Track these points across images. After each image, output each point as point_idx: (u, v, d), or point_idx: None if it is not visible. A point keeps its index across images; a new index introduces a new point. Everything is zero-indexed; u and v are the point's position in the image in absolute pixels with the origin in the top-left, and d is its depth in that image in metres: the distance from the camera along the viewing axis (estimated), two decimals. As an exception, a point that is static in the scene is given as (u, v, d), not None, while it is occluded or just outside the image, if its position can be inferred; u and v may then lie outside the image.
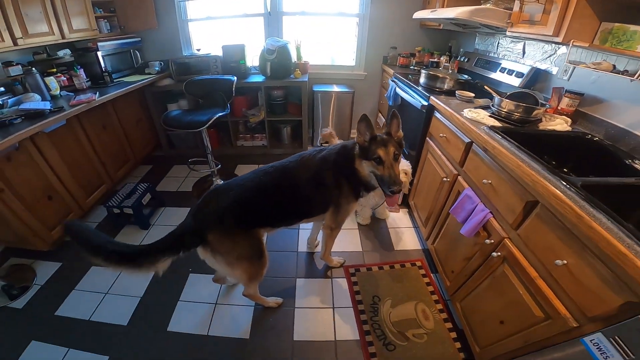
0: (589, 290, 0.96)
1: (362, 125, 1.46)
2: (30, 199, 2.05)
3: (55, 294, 1.97)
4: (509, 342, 1.30)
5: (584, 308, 0.98)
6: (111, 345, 1.70)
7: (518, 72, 2.27)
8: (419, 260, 2.25)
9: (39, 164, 2.12)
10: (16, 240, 2.13)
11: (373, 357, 1.65)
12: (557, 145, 1.65)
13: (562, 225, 1.08)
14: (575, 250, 1.02)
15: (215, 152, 3.52)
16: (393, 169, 1.45)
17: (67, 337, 1.73)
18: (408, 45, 3.51)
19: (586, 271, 0.97)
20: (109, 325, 1.81)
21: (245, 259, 1.51)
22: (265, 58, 3.09)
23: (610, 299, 0.89)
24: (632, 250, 0.83)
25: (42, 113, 2.10)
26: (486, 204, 1.54)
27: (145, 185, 2.58)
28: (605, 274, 0.91)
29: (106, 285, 2.03)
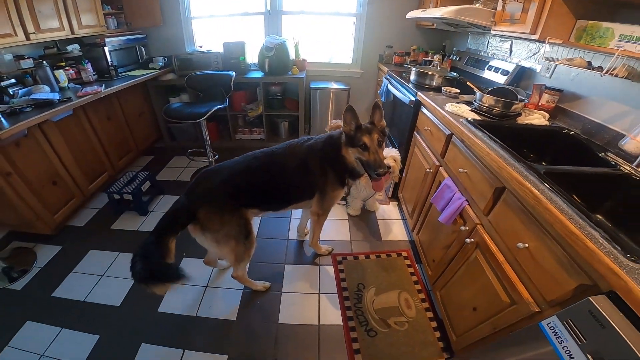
0: (548, 273, 0.98)
1: (348, 115, 1.52)
2: (36, 183, 2.12)
3: (54, 276, 2.02)
4: (480, 329, 1.32)
5: (544, 292, 1.00)
6: (103, 325, 1.74)
7: (504, 70, 2.31)
8: (406, 251, 2.28)
9: (45, 151, 2.19)
10: (20, 223, 2.19)
11: (354, 342, 1.68)
12: (535, 139, 1.69)
13: (524, 209, 1.11)
14: (535, 233, 1.05)
15: (215, 144, 3.60)
16: (377, 154, 1.53)
17: (62, 317, 1.77)
18: (404, 45, 3.53)
19: (545, 254, 1.00)
20: (103, 306, 1.85)
21: (232, 237, 1.56)
22: (264, 55, 3.14)
23: (566, 282, 0.91)
24: (583, 230, 0.86)
25: (50, 103, 2.17)
26: (463, 192, 1.57)
27: (145, 174, 2.64)
28: (561, 257, 0.93)
29: (103, 268, 2.08)
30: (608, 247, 0.80)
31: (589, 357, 0.75)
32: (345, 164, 1.64)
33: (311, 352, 1.64)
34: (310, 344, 1.68)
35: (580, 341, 0.78)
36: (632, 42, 1.29)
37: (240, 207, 1.54)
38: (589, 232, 0.85)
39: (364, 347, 1.66)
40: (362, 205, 2.67)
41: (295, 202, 1.82)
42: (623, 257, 0.77)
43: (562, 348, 0.83)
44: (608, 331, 0.71)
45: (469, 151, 1.53)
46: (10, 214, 2.11)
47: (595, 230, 0.86)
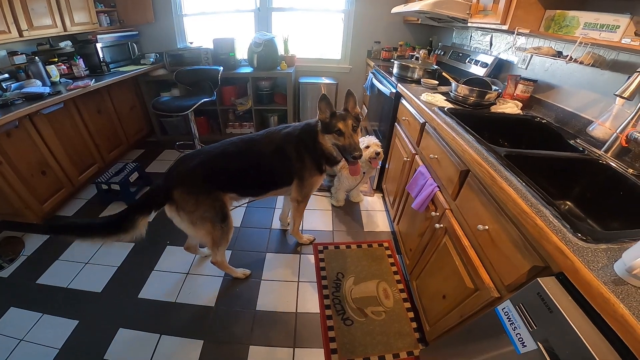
0: (505, 256, 0.95)
1: (323, 104, 1.55)
2: (25, 173, 2.11)
3: (39, 264, 2.00)
4: (449, 317, 1.29)
5: (502, 276, 0.97)
6: (83, 311, 1.71)
7: (483, 63, 2.29)
8: (387, 241, 2.24)
9: (35, 142, 2.19)
10: (11, 212, 2.17)
11: (330, 330, 1.65)
12: (509, 127, 1.66)
13: (484, 191, 1.08)
14: (493, 215, 1.02)
15: (205, 138, 3.56)
16: (352, 138, 1.55)
17: (44, 303, 1.75)
18: (391, 40, 3.48)
19: (502, 236, 0.97)
20: (85, 292, 1.83)
21: (208, 220, 1.53)
22: (253, 50, 3.11)
23: (521, 264, 0.88)
24: (534, 208, 0.83)
25: (40, 96, 2.17)
26: (435, 179, 1.54)
27: (133, 165, 2.62)
28: (516, 238, 0.90)
29: (87, 256, 2.06)
30: (558, 225, 0.77)
31: (539, 345, 0.70)
32: (322, 150, 1.65)
33: (287, 339, 1.61)
34: (287, 331, 1.65)
35: (531, 327, 0.74)
36: (596, 29, 1.24)
37: (216, 190, 1.52)
38: (540, 211, 0.82)
39: (339, 336, 1.62)
40: (346, 197, 2.64)
41: (274, 189, 1.79)
42: (572, 236, 0.73)
43: (516, 335, 0.78)
44: (555, 315, 0.67)
45: (440, 138, 1.51)
46: (0, 203, 2.10)
47: (546, 209, 0.82)
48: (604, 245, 0.71)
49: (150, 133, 3.62)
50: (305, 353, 1.56)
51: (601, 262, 0.66)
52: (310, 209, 2.55)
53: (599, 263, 0.66)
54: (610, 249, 0.70)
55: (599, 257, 0.67)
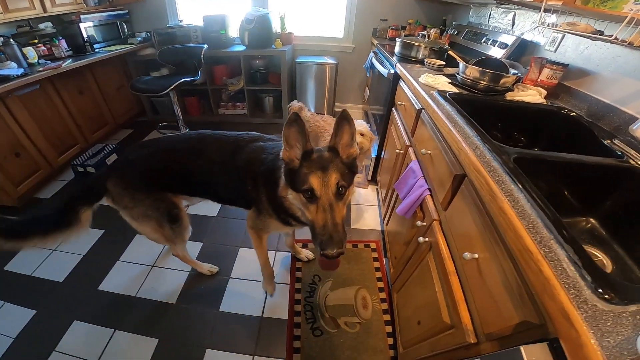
0: (492, 297, 0.67)
1: (292, 130, 0.86)
2: (-3, 155, 1.96)
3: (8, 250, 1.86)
4: (421, 347, 1.03)
5: (483, 321, 0.70)
6: (42, 300, 1.59)
7: (502, 43, 1.89)
8: (375, 242, 1.96)
9: (8, 123, 2.05)
10: (-15, 194, 2.05)
11: (296, 340, 1.43)
12: (527, 120, 1.32)
13: (479, 206, 0.78)
14: (487, 242, 0.72)
15: (197, 119, 3.39)
16: (333, 213, 0.82)
17: (7, 291, 1.63)
18: (400, 18, 3.07)
19: (493, 272, 0.68)
20: (46, 281, 1.69)
21: (153, 219, 1.28)
22: (245, 28, 2.79)
23: (508, 315, 0.60)
24: (543, 247, 0.53)
25: (7, 78, 2.00)
26: (427, 179, 1.24)
27: (112, 146, 2.46)
28: (511, 280, 0.62)
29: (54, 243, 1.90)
30: (573, 276, 0.48)
31: None
32: (284, 206, 1.06)
33: (248, 345, 1.41)
34: (249, 336, 1.45)
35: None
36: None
37: (159, 190, 1.25)
38: (552, 251, 0.52)
39: (305, 347, 1.40)
40: None
41: (229, 204, 1.42)
42: (591, 293, 0.45)
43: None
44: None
45: (435, 129, 1.19)
46: None
47: (561, 249, 0.52)
48: (634, 307, 0.43)
49: (141, 113, 3.41)
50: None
51: (623, 333, 0.41)
52: (295, 200, 2.30)
53: (618, 336, 0.40)
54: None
55: (620, 326, 0.41)
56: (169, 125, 2.90)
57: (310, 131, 2.36)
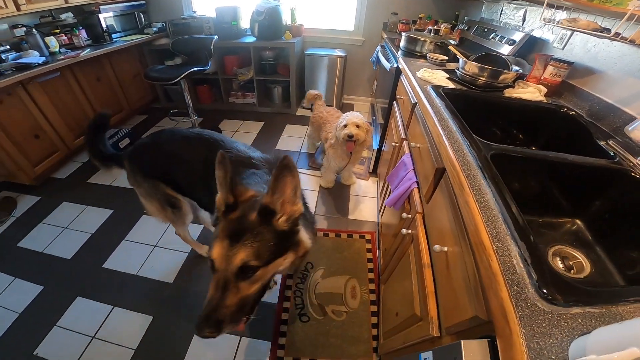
0: (454, 291, 0.67)
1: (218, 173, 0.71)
2: (17, 136, 2.07)
3: (24, 227, 1.96)
4: (395, 339, 1.04)
5: (447, 314, 0.70)
6: (50, 277, 1.66)
7: (510, 40, 1.82)
8: (370, 233, 1.95)
9: (29, 108, 2.14)
10: (7, 174, 2.17)
11: (283, 324, 1.45)
12: (526, 117, 1.27)
13: (453, 200, 0.77)
14: (455, 235, 0.71)
15: (208, 107, 3.45)
16: (225, 294, 0.66)
17: (18, 267, 1.70)
18: (411, 12, 2.99)
19: (457, 266, 0.67)
20: (55, 258, 1.76)
21: (155, 199, 1.34)
22: (255, 19, 2.79)
23: (464, 309, 0.60)
24: (497, 242, 0.52)
25: (29, 66, 2.09)
26: (417, 173, 1.22)
27: (125, 131, 2.53)
28: (470, 274, 0.61)
29: (68, 221, 1.99)
30: (520, 273, 0.47)
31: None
32: None
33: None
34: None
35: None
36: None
37: (155, 179, 1.28)
38: (505, 246, 0.52)
39: (291, 332, 1.43)
40: (335, 178, 2.34)
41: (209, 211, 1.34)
42: (534, 292, 0.44)
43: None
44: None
45: (425, 123, 1.16)
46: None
47: (515, 245, 0.51)
48: (578, 309, 0.42)
49: (155, 100, 3.49)
50: (252, 343, 1.39)
51: (556, 336, 0.39)
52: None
53: (550, 338, 0.39)
54: (588, 315, 0.41)
55: (556, 328, 0.40)
56: (180, 112, 2.97)
57: (313, 122, 2.36)
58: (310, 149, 2.73)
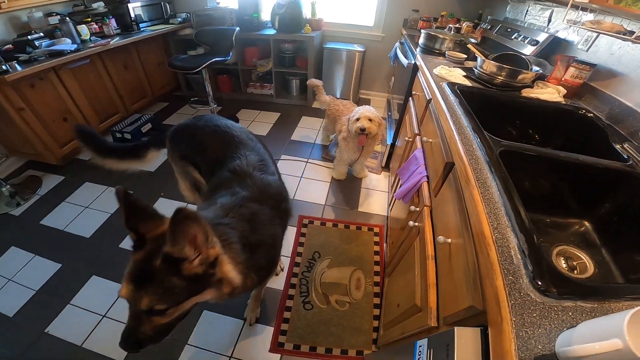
0: (453, 282, 0.68)
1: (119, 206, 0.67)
2: (47, 119, 2.17)
3: (48, 205, 2.04)
4: (395, 330, 1.05)
5: (445, 304, 0.71)
6: (68, 255, 1.71)
7: (533, 40, 1.77)
8: (379, 226, 1.96)
9: (59, 92, 2.24)
10: (33, 153, 2.27)
11: (287, 311, 1.49)
12: (543, 118, 1.25)
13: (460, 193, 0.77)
14: (459, 227, 0.72)
15: (227, 95, 3.51)
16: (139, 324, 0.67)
17: (39, 244, 1.76)
18: (433, 9, 2.93)
19: (459, 257, 0.68)
20: (75, 236, 1.83)
21: (187, 180, 1.41)
22: (276, 12, 2.82)
23: (462, 299, 0.61)
24: (497, 233, 0.53)
25: (62, 52, 2.18)
26: (427, 167, 1.22)
27: (148, 117, 2.62)
28: (470, 265, 0.62)
29: (89, 200, 2.08)
30: (517, 264, 0.47)
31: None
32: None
33: (240, 310, 1.48)
34: (243, 302, 1.50)
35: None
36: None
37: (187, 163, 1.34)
38: (504, 238, 0.52)
39: (294, 318, 1.46)
40: (348, 170, 2.35)
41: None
42: (528, 282, 0.44)
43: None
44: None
45: (438, 118, 1.16)
46: (24, 144, 2.20)
47: (515, 237, 0.52)
48: (570, 303, 0.43)
49: (177, 88, 3.58)
50: (254, 328, 1.43)
51: (545, 326, 0.40)
52: (308, 177, 2.34)
53: (539, 328, 0.40)
54: (580, 309, 0.42)
55: (546, 319, 0.41)
56: (200, 100, 3.04)
57: (329, 114, 2.37)
58: (325, 140, 2.75)
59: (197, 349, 1.36)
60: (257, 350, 1.36)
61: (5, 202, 2.04)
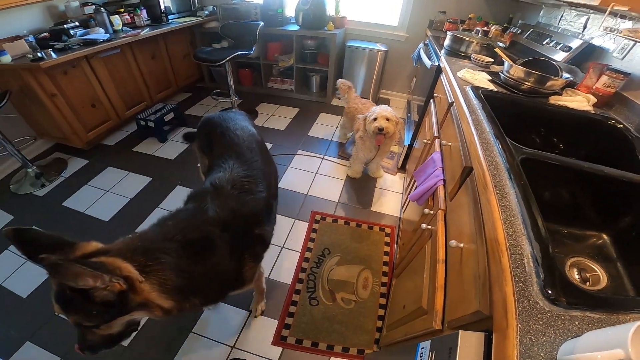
0: (462, 286, 0.68)
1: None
2: (76, 104, 2.28)
3: (71, 187, 2.14)
4: (398, 331, 1.06)
5: (451, 308, 0.71)
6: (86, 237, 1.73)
7: (565, 46, 1.71)
8: (390, 227, 1.95)
9: (90, 80, 2.34)
10: (61, 136, 2.38)
11: (293, 305, 1.51)
12: (569, 126, 1.21)
13: (476, 199, 0.76)
14: (472, 232, 0.72)
15: (247, 89, 3.56)
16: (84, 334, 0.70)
17: (60, 226, 1.82)
18: (461, 12, 2.86)
19: (470, 261, 0.68)
20: (94, 219, 1.90)
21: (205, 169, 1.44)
22: (300, 8, 2.83)
23: (469, 303, 0.61)
24: (511, 240, 0.53)
25: (95, 42, 2.27)
26: (444, 171, 1.21)
27: (171, 106, 2.69)
28: (481, 270, 0.61)
29: (111, 184, 2.16)
30: (529, 271, 0.47)
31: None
32: None
33: (246, 302, 1.50)
34: (250, 293, 1.51)
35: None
36: None
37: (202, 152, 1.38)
38: (518, 245, 0.52)
39: (299, 313, 1.48)
40: (363, 169, 2.34)
41: None
42: (538, 290, 0.44)
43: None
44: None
45: (459, 122, 1.15)
46: (53, 128, 2.31)
47: (529, 245, 0.51)
48: (578, 313, 0.42)
49: (200, 79, 3.66)
50: (259, 320, 1.45)
51: (550, 334, 0.40)
52: (323, 174, 2.36)
53: (544, 336, 0.40)
54: (587, 320, 0.42)
55: (552, 327, 0.41)
56: (221, 92, 3.11)
57: (348, 112, 2.38)
58: (342, 138, 2.75)
59: (201, 337, 1.39)
60: (259, 342, 1.38)
61: (30, 182, 2.14)
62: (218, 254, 0.86)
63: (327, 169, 2.41)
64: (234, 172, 1.06)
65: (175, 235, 0.81)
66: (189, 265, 0.79)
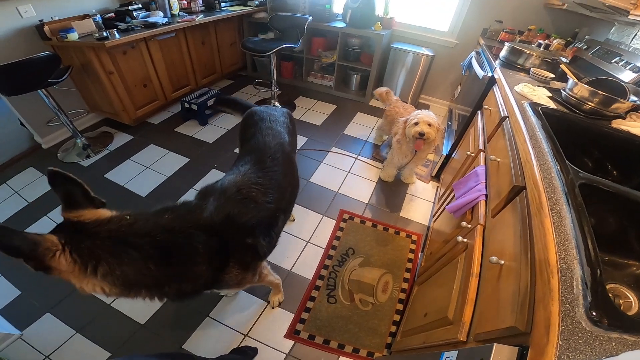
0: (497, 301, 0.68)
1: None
2: (130, 83, 2.45)
3: (114, 160, 2.29)
4: (416, 338, 1.06)
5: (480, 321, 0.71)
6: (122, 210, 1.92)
7: (635, 66, 1.60)
8: (417, 234, 1.93)
9: (145, 61, 2.51)
10: (112, 112, 2.56)
11: (310, 301, 1.55)
12: (628, 153, 1.14)
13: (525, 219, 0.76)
14: (517, 251, 0.71)
15: (288, 81, 3.64)
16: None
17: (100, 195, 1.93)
18: (519, 22, 2.75)
19: (510, 279, 0.68)
20: (132, 193, 2.02)
21: None
22: (349, 6, 2.85)
23: (503, 318, 0.61)
24: (563, 264, 0.53)
25: (154, 25, 2.42)
26: (487, 186, 1.19)
27: (214, 92, 2.82)
28: (522, 288, 0.61)
29: (151, 161, 2.30)
30: (576, 293, 0.48)
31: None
32: None
33: (265, 292, 1.55)
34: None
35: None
36: None
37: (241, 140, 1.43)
38: (569, 269, 0.52)
39: (315, 309, 1.52)
40: (396, 174, 2.34)
41: None
42: (582, 312, 0.45)
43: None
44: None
45: (512, 139, 1.13)
46: (106, 104, 2.49)
47: (580, 269, 0.51)
48: (616, 334, 0.44)
49: (243, 68, 3.79)
50: (275, 312, 1.50)
51: (587, 353, 0.42)
52: (355, 174, 2.38)
53: (581, 354, 0.42)
54: (624, 341, 0.44)
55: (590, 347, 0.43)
56: (263, 82, 3.21)
57: (387, 115, 2.38)
58: (377, 140, 2.75)
59: (216, 322, 1.44)
60: (272, 333, 1.42)
61: (77, 152, 2.33)
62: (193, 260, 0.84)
63: (360, 169, 2.42)
64: (245, 177, 1.05)
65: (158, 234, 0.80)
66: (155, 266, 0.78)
